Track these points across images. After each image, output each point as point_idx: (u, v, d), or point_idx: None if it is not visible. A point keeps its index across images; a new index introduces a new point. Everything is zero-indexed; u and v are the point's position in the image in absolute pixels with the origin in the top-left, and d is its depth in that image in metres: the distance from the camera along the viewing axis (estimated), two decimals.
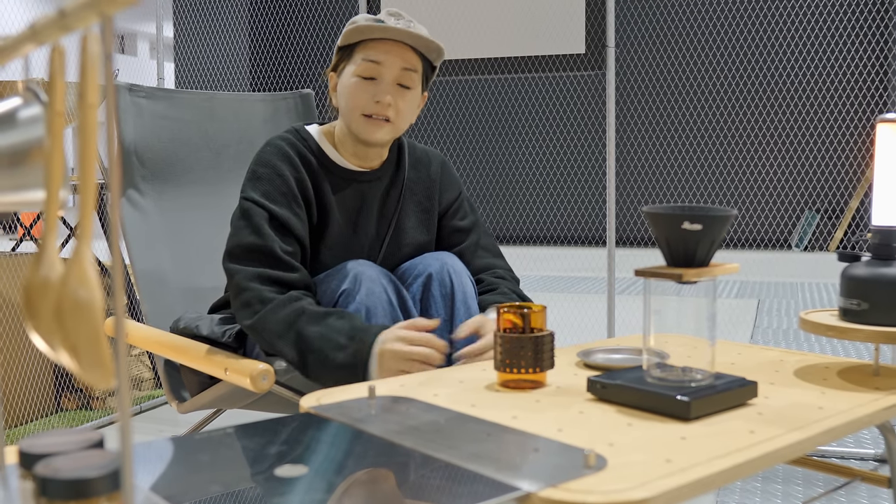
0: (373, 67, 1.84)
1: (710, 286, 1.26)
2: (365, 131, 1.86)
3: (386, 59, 1.84)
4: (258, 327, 1.73)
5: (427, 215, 2.02)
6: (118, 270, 0.58)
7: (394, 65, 1.85)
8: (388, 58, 1.84)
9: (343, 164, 1.93)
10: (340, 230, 1.90)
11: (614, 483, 0.94)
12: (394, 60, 1.85)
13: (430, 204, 2.03)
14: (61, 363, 0.67)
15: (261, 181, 1.84)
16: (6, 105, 0.78)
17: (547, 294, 6.40)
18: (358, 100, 1.85)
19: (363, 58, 1.85)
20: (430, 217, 2.03)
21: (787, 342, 4.53)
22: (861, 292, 1.44)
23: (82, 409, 3.33)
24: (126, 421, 0.58)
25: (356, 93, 1.86)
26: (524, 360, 1.36)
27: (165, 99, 2.47)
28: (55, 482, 0.66)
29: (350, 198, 1.93)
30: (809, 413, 1.22)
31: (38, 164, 0.76)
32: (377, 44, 1.85)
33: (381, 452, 1.05)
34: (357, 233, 1.93)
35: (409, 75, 1.87)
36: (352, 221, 1.93)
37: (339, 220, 1.90)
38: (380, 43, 1.85)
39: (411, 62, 1.87)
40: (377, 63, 1.84)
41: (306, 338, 1.68)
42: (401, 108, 1.88)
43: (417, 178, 2.03)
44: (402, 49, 1.86)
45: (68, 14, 0.60)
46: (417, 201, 2.02)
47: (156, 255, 2.33)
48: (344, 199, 1.92)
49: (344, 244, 1.91)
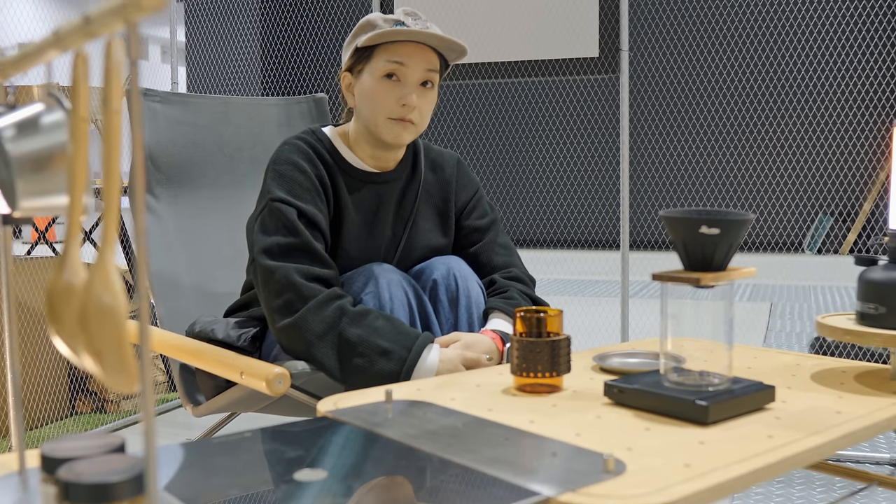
0: (397, 68, 1.83)
1: (728, 290, 1.25)
2: (391, 134, 1.86)
3: (410, 60, 1.83)
4: (300, 325, 1.72)
5: (443, 218, 2.02)
6: (143, 275, 0.58)
7: (418, 66, 1.84)
8: (412, 60, 1.83)
9: (359, 164, 1.93)
10: (357, 230, 1.90)
11: (634, 488, 0.94)
12: (418, 62, 1.84)
13: (446, 207, 2.03)
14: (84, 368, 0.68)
15: (284, 179, 1.83)
16: (29, 111, 0.79)
17: (560, 297, 6.39)
18: (384, 103, 1.84)
19: (387, 59, 1.84)
20: (446, 220, 2.03)
21: (800, 345, 4.51)
22: (878, 296, 1.44)
23: (97, 412, 3.34)
24: (150, 426, 0.58)
25: (381, 95, 1.84)
26: (541, 364, 1.36)
27: (180, 103, 2.47)
28: (78, 486, 0.66)
29: (366, 198, 1.92)
30: (827, 417, 1.22)
31: (61, 169, 0.77)
32: (400, 45, 1.84)
33: (400, 457, 1.05)
34: (373, 233, 1.93)
35: (432, 76, 1.87)
36: (368, 222, 1.92)
37: (355, 220, 1.90)
38: (402, 45, 1.84)
39: (434, 63, 1.87)
40: (401, 64, 1.83)
41: (348, 340, 1.69)
42: (423, 110, 1.87)
43: (434, 180, 2.03)
44: (424, 50, 1.85)
45: (93, 20, 0.61)
46: (434, 204, 2.02)
47: (171, 259, 2.34)
48: (360, 199, 1.91)
49: (360, 244, 1.91)
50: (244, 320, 1.96)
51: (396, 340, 1.68)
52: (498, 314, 1.86)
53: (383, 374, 1.66)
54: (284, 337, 1.75)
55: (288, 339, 1.75)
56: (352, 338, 1.69)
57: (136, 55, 0.57)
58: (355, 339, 1.68)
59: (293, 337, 1.73)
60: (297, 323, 1.72)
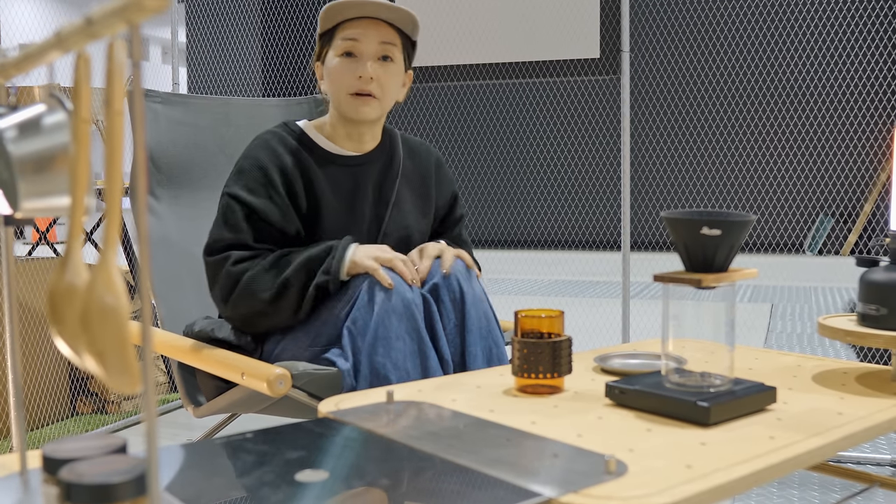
0: (351, 45, 1.91)
1: (729, 291, 1.25)
2: (352, 109, 1.93)
3: (363, 35, 1.91)
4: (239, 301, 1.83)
5: (424, 201, 2.08)
6: (145, 276, 0.58)
7: (372, 39, 1.91)
8: (365, 33, 1.91)
9: (333, 149, 1.99)
10: (335, 213, 1.94)
11: (635, 489, 0.94)
12: (371, 35, 1.91)
13: (426, 190, 2.09)
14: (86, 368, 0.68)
15: (242, 174, 1.92)
16: (31, 112, 0.79)
17: (561, 298, 6.39)
18: (342, 79, 1.92)
19: (342, 38, 1.92)
20: (426, 204, 2.09)
21: (801, 347, 4.51)
22: (880, 297, 1.44)
23: (97, 413, 3.34)
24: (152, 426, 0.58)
25: (339, 72, 1.92)
26: (542, 365, 1.36)
27: (181, 104, 2.47)
28: (80, 487, 0.66)
29: (342, 181, 1.97)
30: (829, 419, 1.22)
31: (62, 170, 0.77)
32: (353, 23, 1.91)
33: (401, 457, 1.05)
34: (353, 215, 1.96)
35: (388, 48, 1.93)
36: (347, 204, 1.96)
37: (333, 204, 1.94)
38: (356, 22, 1.91)
39: (388, 36, 1.93)
40: (355, 40, 1.91)
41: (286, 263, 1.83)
42: (384, 83, 1.93)
43: (412, 166, 2.08)
44: (378, 24, 1.92)
45: (95, 22, 0.60)
46: (413, 187, 2.07)
47: (172, 260, 2.34)
48: (337, 183, 1.96)
49: (341, 227, 1.94)
50: None
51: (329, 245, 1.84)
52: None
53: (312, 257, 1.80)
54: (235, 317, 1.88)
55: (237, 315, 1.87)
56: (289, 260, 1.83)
57: (138, 56, 0.57)
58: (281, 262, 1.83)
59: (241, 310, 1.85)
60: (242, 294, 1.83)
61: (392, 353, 1.71)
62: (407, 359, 1.72)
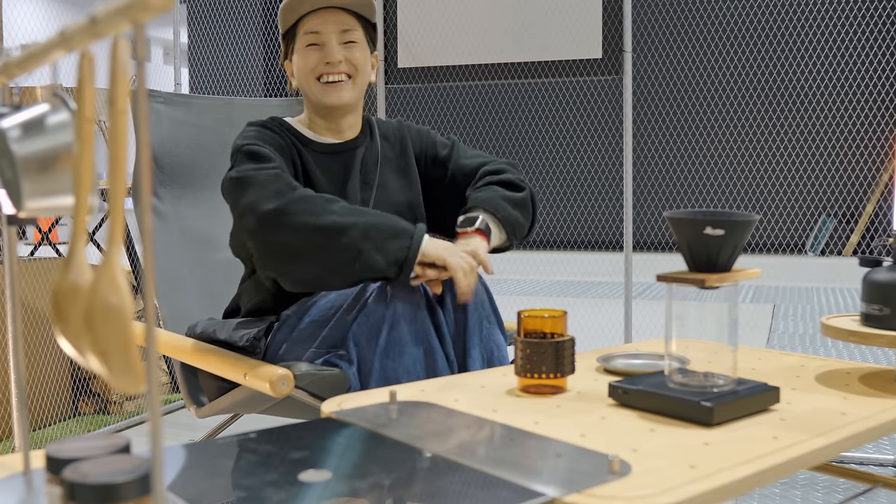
0: (314, 37, 1.94)
1: (732, 291, 1.25)
2: (325, 96, 1.95)
3: (323, 26, 1.94)
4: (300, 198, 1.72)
5: (405, 176, 2.09)
6: (149, 276, 0.58)
7: (332, 30, 1.94)
8: (324, 25, 1.94)
9: (319, 139, 2.01)
10: None
11: (639, 489, 0.94)
12: (331, 27, 1.94)
13: (406, 163, 2.10)
14: (90, 368, 0.68)
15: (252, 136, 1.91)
16: (34, 111, 0.79)
17: (564, 299, 6.39)
18: (310, 69, 1.94)
19: (303, 33, 1.95)
20: (408, 176, 2.09)
21: (803, 347, 4.51)
22: (883, 297, 1.43)
23: (100, 413, 3.34)
24: (157, 426, 0.58)
25: (306, 63, 1.95)
26: (545, 365, 1.36)
27: (183, 105, 2.47)
28: (84, 487, 0.66)
29: (333, 168, 1.99)
30: (832, 419, 1.22)
31: (66, 169, 0.77)
32: (312, 16, 1.94)
33: (404, 457, 1.04)
34: (346, 199, 1.97)
35: (351, 33, 1.96)
36: (338, 188, 1.98)
37: (327, 189, 1.96)
38: (315, 14, 1.94)
39: (348, 23, 1.96)
40: (317, 33, 1.94)
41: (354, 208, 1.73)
42: (356, 60, 1.96)
43: (388, 145, 2.10)
44: (336, 14, 1.95)
45: (100, 21, 0.60)
46: (393, 166, 2.08)
47: (174, 261, 2.34)
48: (327, 169, 1.98)
49: None
50: (245, 321, 1.96)
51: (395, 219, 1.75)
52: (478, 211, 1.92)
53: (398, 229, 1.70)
54: (281, 215, 1.71)
55: (286, 214, 1.71)
56: (355, 208, 1.74)
57: (142, 56, 0.57)
58: (358, 209, 1.74)
59: (293, 211, 1.70)
60: (296, 197, 1.72)
61: (403, 358, 1.71)
62: (417, 362, 1.72)
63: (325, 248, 1.68)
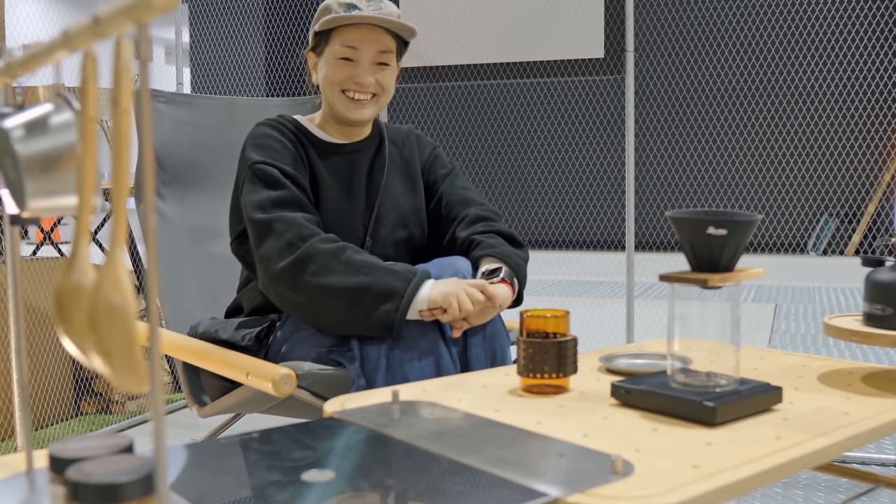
0: (350, 52, 1.92)
1: (735, 291, 1.25)
2: (348, 111, 1.95)
3: (362, 44, 1.92)
4: (307, 256, 1.75)
5: (410, 181, 2.09)
6: (152, 276, 0.58)
7: (371, 49, 1.93)
8: (364, 43, 1.92)
9: (328, 138, 2.01)
10: (336, 197, 1.96)
11: (642, 489, 0.94)
12: (370, 45, 1.92)
13: (411, 170, 2.10)
14: (93, 368, 0.68)
15: (262, 148, 1.91)
16: (38, 111, 0.79)
17: (565, 298, 6.39)
18: (337, 76, 1.93)
19: (341, 43, 1.92)
20: (413, 182, 2.10)
21: (805, 347, 4.51)
22: (885, 297, 1.43)
23: (102, 412, 3.34)
24: (160, 426, 0.58)
25: (336, 71, 1.93)
26: (547, 364, 1.36)
27: (185, 104, 2.47)
28: (87, 486, 0.66)
29: (340, 167, 1.99)
30: (835, 419, 1.21)
31: (69, 169, 0.77)
32: (353, 29, 1.92)
33: (407, 457, 1.04)
34: (351, 200, 1.98)
35: (386, 56, 1.95)
36: (344, 190, 1.99)
37: (332, 187, 1.96)
38: (355, 28, 1.92)
39: (387, 44, 1.95)
40: (354, 48, 1.92)
41: (353, 263, 1.74)
42: (385, 82, 1.96)
43: (396, 151, 2.11)
44: (376, 33, 1.93)
45: (103, 21, 0.60)
46: (400, 170, 2.09)
47: (176, 260, 2.34)
48: (334, 168, 1.99)
49: (339, 210, 1.96)
50: (247, 321, 1.96)
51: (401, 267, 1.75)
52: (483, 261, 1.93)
53: (388, 291, 1.70)
54: (287, 275, 1.76)
55: (292, 275, 1.75)
56: (357, 262, 1.74)
57: (146, 56, 0.57)
58: (360, 263, 1.74)
59: (297, 271, 1.75)
60: (303, 256, 1.75)
61: (410, 355, 1.72)
62: (423, 360, 1.73)
63: (322, 309, 1.76)
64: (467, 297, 1.73)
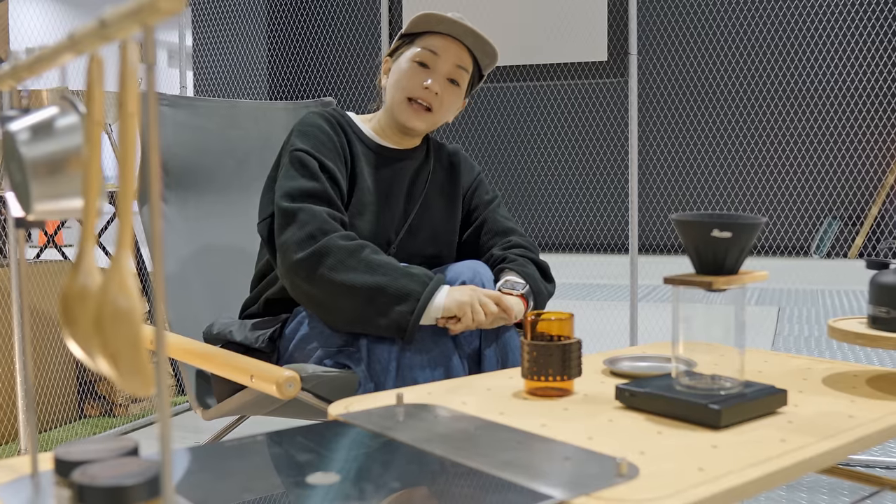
0: (429, 56, 1.94)
1: (739, 294, 1.25)
2: (405, 116, 1.96)
3: (443, 52, 1.94)
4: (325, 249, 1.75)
5: (450, 202, 2.09)
6: (158, 279, 0.58)
7: (449, 59, 1.95)
8: (445, 52, 1.94)
9: (378, 140, 2.02)
10: (372, 199, 1.96)
11: (648, 491, 0.93)
12: (450, 55, 1.95)
13: (453, 192, 2.10)
14: (99, 371, 0.68)
15: (307, 136, 1.92)
16: (44, 114, 0.79)
17: (569, 301, 6.38)
18: (408, 81, 1.95)
19: (423, 46, 1.94)
20: (453, 205, 2.10)
21: (808, 349, 4.50)
22: (890, 300, 1.43)
23: (105, 415, 3.34)
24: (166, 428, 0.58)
25: (407, 75, 1.95)
26: (552, 367, 1.36)
27: (188, 107, 2.48)
28: (93, 489, 0.66)
29: (382, 170, 2.00)
30: (840, 421, 1.21)
31: (75, 172, 0.77)
32: (438, 37, 1.94)
33: (412, 460, 1.04)
34: (388, 205, 1.99)
35: (461, 73, 1.97)
36: (382, 193, 1.99)
37: (370, 188, 1.96)
38: (441, 37, 1.94)
39: (465, 61, 1.97)
40: (434, 53, 1.94)
41: (371, 262, 1.75)
42: (445, 101, 1.97)
43: (441, 169, 2.11)
44: (459, 47, 1.95)
45: (109, 24, 0.60)
46: (442, 189, 2.09)
47: (180, 263, 2.34)
48: (376, 170, 1.99)
49: (374, 212, 1.96)
50: (261, 321, 1.97)
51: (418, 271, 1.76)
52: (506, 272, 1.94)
53: (404, 293, 1.72)
54: (304, 267, 1.77)
55: (308, 267, 1.76)
56: (374, 261, 1.75)
57: (152, 59, 0.57)
58: (378, 262, 1.75)
59: (314, 263, 1.76)
60: (321, 249, 1.76)
61: (420, 356, 1.72)
62: (433, 360, 1.73)
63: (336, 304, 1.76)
64: (481, 308, 1.73)
